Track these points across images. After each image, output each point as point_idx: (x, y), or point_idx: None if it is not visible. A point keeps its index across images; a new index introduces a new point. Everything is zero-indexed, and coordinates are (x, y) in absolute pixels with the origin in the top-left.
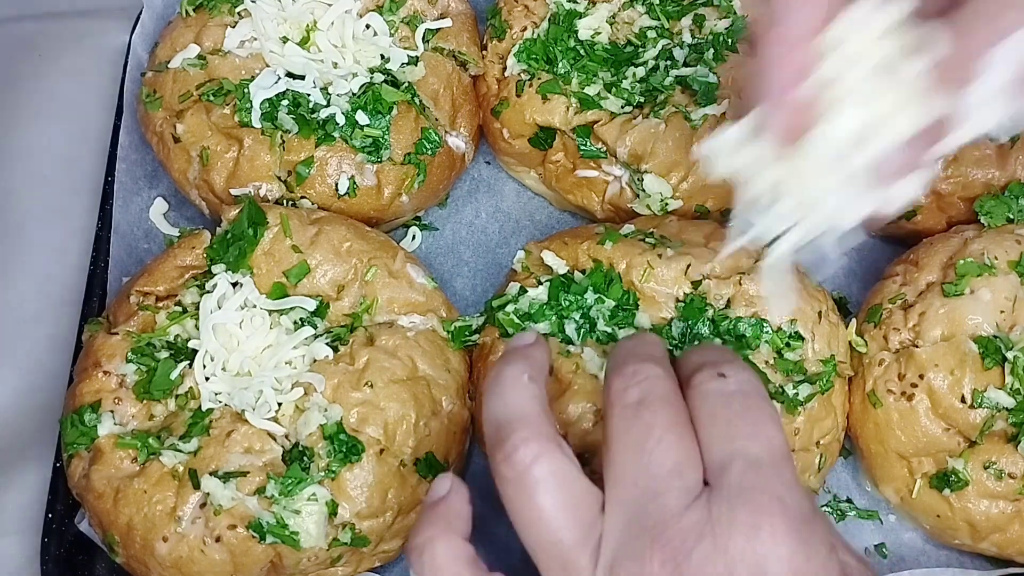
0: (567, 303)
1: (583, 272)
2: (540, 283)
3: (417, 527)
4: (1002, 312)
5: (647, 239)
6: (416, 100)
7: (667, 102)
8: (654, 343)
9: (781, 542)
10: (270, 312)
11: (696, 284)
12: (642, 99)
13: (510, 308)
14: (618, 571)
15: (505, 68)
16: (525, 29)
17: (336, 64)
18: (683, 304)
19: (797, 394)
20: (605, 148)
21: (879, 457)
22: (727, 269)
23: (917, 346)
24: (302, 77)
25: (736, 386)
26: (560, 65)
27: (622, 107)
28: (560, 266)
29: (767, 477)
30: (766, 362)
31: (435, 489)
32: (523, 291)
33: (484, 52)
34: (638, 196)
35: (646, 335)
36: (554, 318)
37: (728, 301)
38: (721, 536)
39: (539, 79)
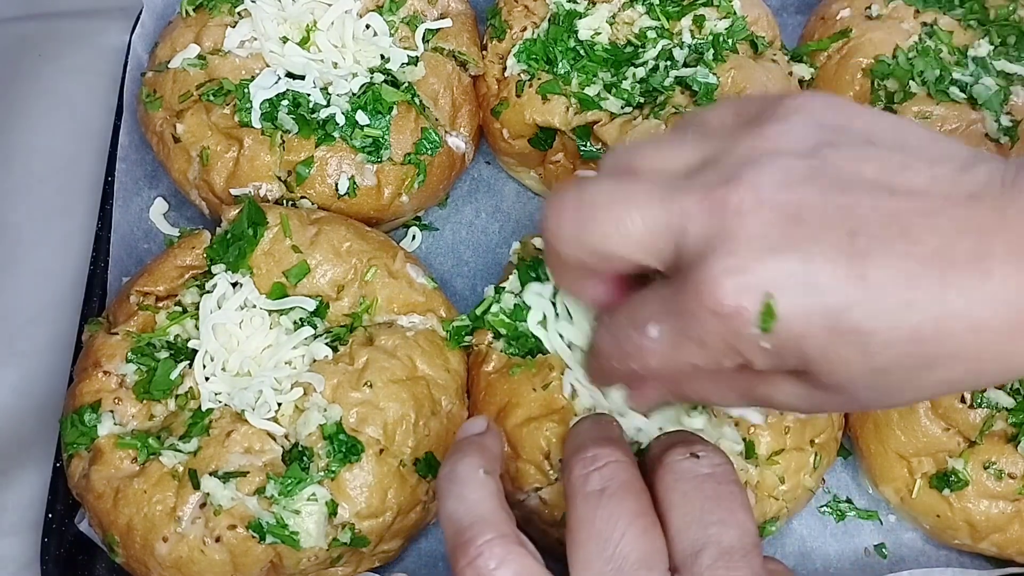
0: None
1: None
2: (514, 267)
3: (448, 455)
4: None
5: None
6: (416, 100)
7: (667, 103)
8: (610, 423)
9: None
10: (270, 312)
11: None
12: (642, 100)
13: (495, 309)
14: None
15: (505, 68)
16: (525, 29)
17: (336, 64)
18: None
19: None
20: (605, 149)
21: (879, 457)
22: None
23: None
24: (302, 77)
25: (709, 468)
26: (560, 65)
27: (622, 107)
28: None
29: (738, 567)
30: None
31: (470, 426)
32: (499, 290)
33: (484, 52)
34: None
35: (602, 416)
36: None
37: None
38: None
39: (539, 79)
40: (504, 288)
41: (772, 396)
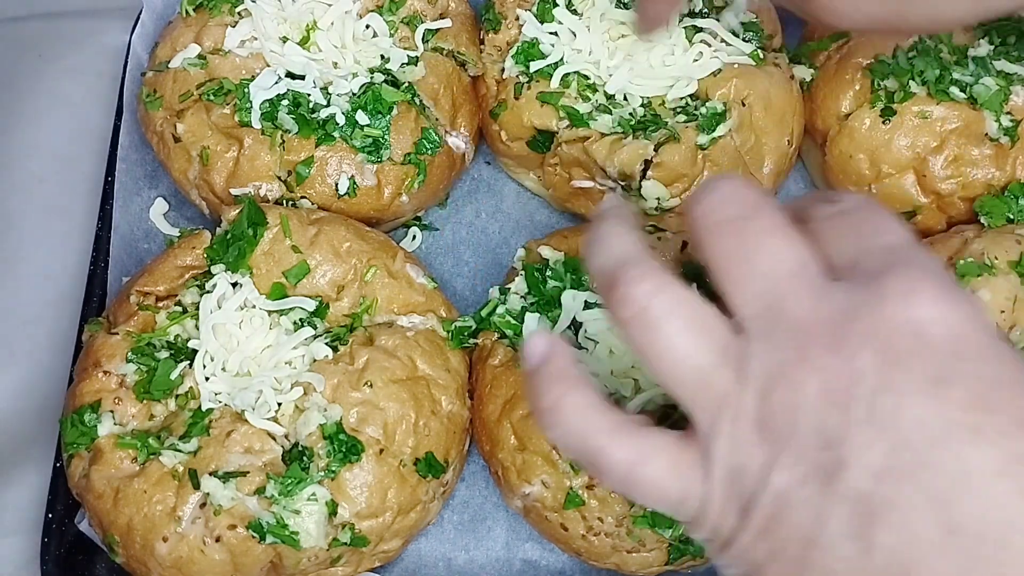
0: (551, 288)
1: None
2: (518, 273)
3: (537, 390)
4: (1002, 312)
5: (646, 228)
6: (416, 100)
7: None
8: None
9: (937, 304)
10: (270, 312)
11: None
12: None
13: (501, 311)
14: (774, 385)
15: (504, 69)
16: (518, 19)
17: (336, 64)
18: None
19: None
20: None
21: None
22: None
23: None
24: (302, 77)
25: (853, 203)
26: None
27: (611, 128)
28: (558, 258)
29: (908, 255)
30: None
31: (534, 348)
32: (504, 291)
33: (482, 46)
34: (632, 198)
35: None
36: (544, 304)
37: None
38: (872, 312)
39: (537, 83)
40: (509, 289)
41: None
